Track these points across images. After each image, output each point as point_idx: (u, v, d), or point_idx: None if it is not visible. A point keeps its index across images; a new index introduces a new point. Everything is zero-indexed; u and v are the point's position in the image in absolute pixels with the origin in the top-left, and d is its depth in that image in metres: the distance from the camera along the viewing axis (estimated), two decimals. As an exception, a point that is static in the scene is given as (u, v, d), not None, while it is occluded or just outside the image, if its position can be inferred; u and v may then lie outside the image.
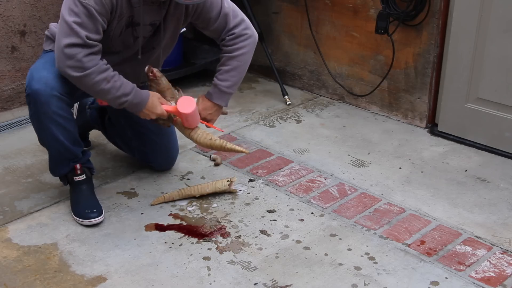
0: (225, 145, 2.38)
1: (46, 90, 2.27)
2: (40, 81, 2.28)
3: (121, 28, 2.31)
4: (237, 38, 2.46)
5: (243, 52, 2.47)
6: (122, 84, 2.25)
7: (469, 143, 3.08)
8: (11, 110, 3.41)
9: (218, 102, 2.50)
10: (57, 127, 2.34)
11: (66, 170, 2.48)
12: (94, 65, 2.18)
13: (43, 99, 2.28)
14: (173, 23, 2.43)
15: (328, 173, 2.83)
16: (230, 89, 2.49)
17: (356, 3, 3.33)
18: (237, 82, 2.51)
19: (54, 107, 2.29)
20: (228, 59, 2.47)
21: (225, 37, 2.47)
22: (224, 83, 2.47)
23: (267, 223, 2.46)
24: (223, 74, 2.47)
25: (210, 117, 2.51)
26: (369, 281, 2.14)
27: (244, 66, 2.50)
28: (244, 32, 2.46)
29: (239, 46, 2.46)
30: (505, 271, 2.20)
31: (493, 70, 2.92)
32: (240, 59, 2.47)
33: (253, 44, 2.50)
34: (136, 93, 2.29)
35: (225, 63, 2.48)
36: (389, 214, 2.52)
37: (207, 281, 2.14)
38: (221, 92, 2.48)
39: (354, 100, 3.54)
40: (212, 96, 2.50)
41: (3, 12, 3.27)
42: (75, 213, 2.45)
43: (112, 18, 2.26)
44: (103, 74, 2.20)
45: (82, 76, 2.18)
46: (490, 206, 2.59)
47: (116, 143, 2.88)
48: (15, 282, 2.13)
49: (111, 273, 2.18)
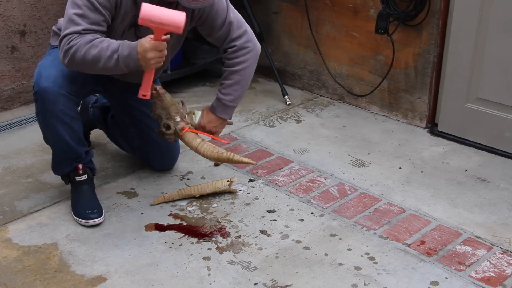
0: (232, 158, 2.36)
1: (54, 88, 2.28)
2: (48, 79, 2.28)
3: (124, 27, 2.32)
4: (239, 51, 2.46)
5: (245, 66, 2.48)
6: (109, 44, 2.19)
7: (469, 143, 3.08)
8: (11, 110, 3.41)
9: (222, 115, 2.53)
10: (63, 126, 2.34)
11: (69, 170, 2.49)
12: (79, 41, 2.17)
13: (51, 97, 2.28)
14: None
15: (328, 173, 2.83)
16: (233, 102, 2.52)
17: (356, 3, 3.33)
18: (240, 95, 2.53)
19: (61, 105, 2.30)
20: (231, 73, 2.49)
21: (227, 49, 2.48)
22: (227, 97, 2.50)
23: (267, 223, 2.46)
24: (226, 89, 2.50)
25: (215, 130, 2.54)
26: (369, 281, 2.14)
27: (246, 80, 2.52)
28: (246, 45, 2.47)
29: (241, 60, 2.47)
30: (505, 271, 2.20)
31: (493, 70, 2.92)
32: (242, 73, 2.48)
33: (255, 57, 2.51)
34: (123, 45, 2.20)
35: (228, 77, 2.50)
36: (389, 214, 2.52)
37: (207, 281, 2.14)
38: (224, 106, 2.51)
39: (354, 100, 3.54)
40: (215, 110, 2.52)
41: (3, 12, 3.27)
42: (75, 213, 2.45)
43: (116, 14, 2.26)
44: (89, 43, 2.17)
45: (72, 54, 2.17)
46: (490, 206, 2.59)
47: (117, 142, 2.89)
48: (15, 282, 2.13)
49: (111, 273, 2.18)
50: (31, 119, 3.29)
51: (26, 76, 3.45)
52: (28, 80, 3.45)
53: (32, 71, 3.42)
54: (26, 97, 3.46)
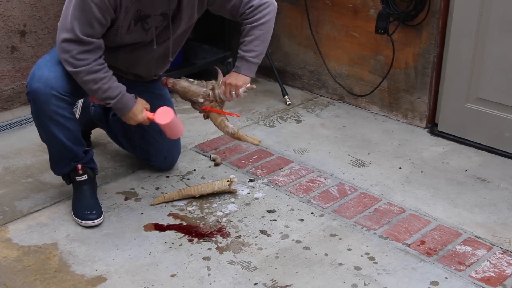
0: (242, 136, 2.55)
1: (45, 89, 2.28)
2: (39, 80, 2.29)
3: (128, 22, 2.31)
4: (257, 9, 2.44)
5: (265, 20, 2.45)
6: (109, 88, 2.29)
7: (469, 143, 3.08)
8: (11, 110, 3.41)
9: (246, 73, 2.49)
10: (56, 126, 2.34)
11: (68, 170, 2.48)
12: (85, 65, 2.23)
13: (42, 98, 2.29)
14: (187, 12, 2.42)
15: (328, 173, 2.83)
16: (256, 58, 2.48)
17: (356, 3, 3.33)
18: (262, 51, 2.49)
19: (53, 106, 2.30)
20: (251, 29, 2.45)
21: (245, 11, 2.45)
22: (249, 54, 2.46)
23: (267, 223, 2.46)
24: (248, 45, 2.46)
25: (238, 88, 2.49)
26: (369, 281, 2.14)
27: (267, 34, 2.48)
28: (264, 1, 2.45)
29: (260, 15, 2.44)
30: (505, 271, 2.20)
31: (493, 70, 2.92)
32: (263, 27, 2.45)
33: (274, 11, 2.49)
34: (121, 99, 2.33)
35: (248, 34, 2.46)
36: (389, 214, 2.52)
37: (207, 281, 2.14)
38: (248, 63, 2.47)
39: (354, 100, 3.54)
40: (240, 69, 2.48)
41: (3, 12, 3.27)
42: (75, 213, 2.45)
43: (119, 11, 2.26)
44: (92, 75, 2.25)
45: (73, 72, 2.27)
46: (490, 206, 2.59)
47: (118, 141, 2.88)
48: (15, 282, 2.13)
49: (111, 273, 2.18)
50: (31, 119, 3.28)
51: (26, 76, 3.44)
52: (28, 80, 3.45)
53: (32, 71, 3.42)
54: (26, 97, 3.46)
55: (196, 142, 3.10)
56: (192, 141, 3.11)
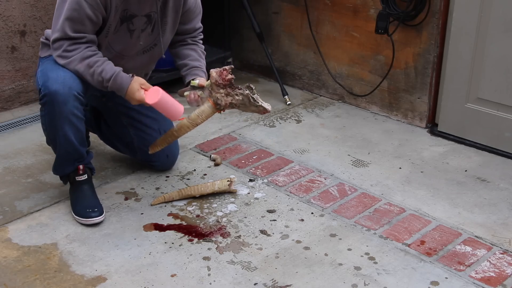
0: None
1: (64, 89, 2.29)
2: (57, 81, 2.29)
3: (116, 22, 2.35)
4: (200, 35, 2.73)
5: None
6: (103, 70, 2.33)
7: (469, 143, 3.08)
8: (11, 110, 3.41)
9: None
10: (70, 127, 2.34)
11: (70, 170, 2.49)
12: (76, 53, 2.30)
13: (61, 98, 2.29)
14: (171, 15, 2.49)
15: (328, 173, 2.83)
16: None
17: (356, 3, 3.33)
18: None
19: (71, 106, 2.31)
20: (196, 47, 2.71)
21: (196, 35, 2.70)
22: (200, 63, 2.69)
23: (267, 223, 2.46)
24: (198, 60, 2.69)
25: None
26: (369, 281, 2.14)
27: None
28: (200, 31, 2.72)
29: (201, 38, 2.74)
30: (505, 271, 2.20)
31: (493, 70, 2.92)
32: (203, 50, 2.74)
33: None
34: (116, 80, 2.34)
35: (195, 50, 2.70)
36: (389, 214, 2.52)
37: (207, 281, 2.14)
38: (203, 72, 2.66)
39: (354, 100, 3.54)
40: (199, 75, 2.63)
41: (3, 12, 3.27)
42: (76, 212, 2.45)
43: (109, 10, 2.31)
44: (85, 61, 2.31)
45: (66, 63, 2.32)
46: (490, 206, 2.59)
47: (113, 144, 2.87)
48: (15, 282, 2.13)
49: (111, 273, 2.18)
50: (31, 119, 3.30)
51: (26, 76, 3.45)
52: (28, 80, 3.45)
53: (32, 71, 3.42)
54: (26, 97, 3.46)
55: (196, 142, 3.10)
56: (192, 141, 3.11)
